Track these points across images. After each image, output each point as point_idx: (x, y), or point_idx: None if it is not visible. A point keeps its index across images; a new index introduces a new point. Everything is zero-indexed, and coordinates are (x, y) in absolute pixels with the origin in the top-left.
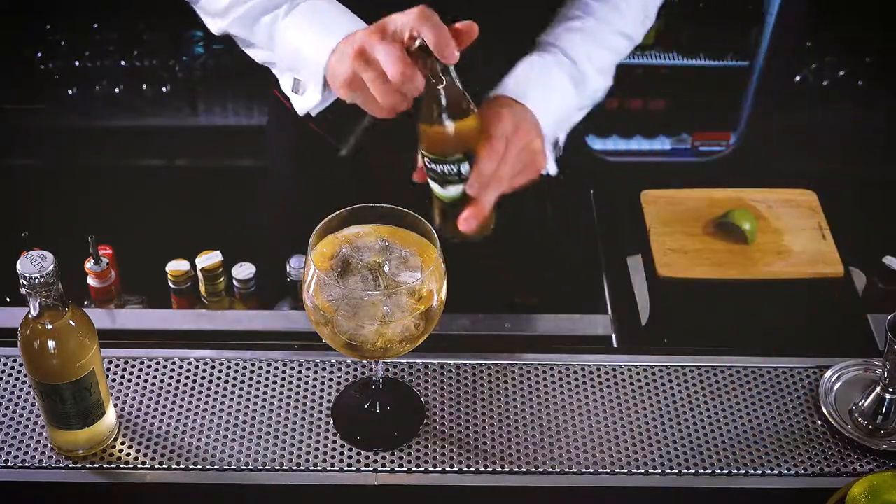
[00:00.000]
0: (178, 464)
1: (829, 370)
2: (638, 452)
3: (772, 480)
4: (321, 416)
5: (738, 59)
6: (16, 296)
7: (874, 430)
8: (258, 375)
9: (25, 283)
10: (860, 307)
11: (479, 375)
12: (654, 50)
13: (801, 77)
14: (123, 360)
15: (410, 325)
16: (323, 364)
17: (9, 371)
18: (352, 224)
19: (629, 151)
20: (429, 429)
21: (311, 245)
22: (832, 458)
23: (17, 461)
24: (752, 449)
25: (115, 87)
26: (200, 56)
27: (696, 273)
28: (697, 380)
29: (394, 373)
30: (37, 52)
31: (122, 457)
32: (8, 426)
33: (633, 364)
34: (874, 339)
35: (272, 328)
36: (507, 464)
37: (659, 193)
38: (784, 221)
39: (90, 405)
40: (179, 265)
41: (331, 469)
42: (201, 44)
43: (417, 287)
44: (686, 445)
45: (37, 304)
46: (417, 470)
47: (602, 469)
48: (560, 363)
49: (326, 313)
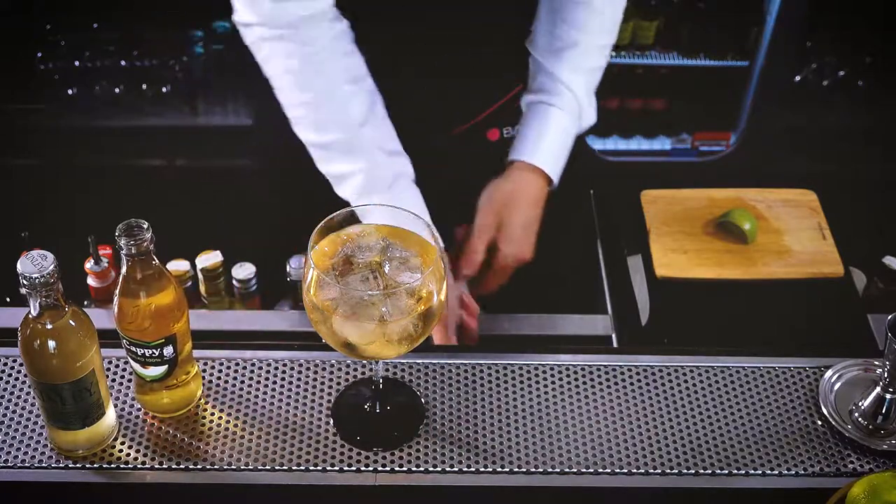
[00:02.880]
0: (178, 464)
1: (829, 370)
2: (638, 452)
3: (772, 480)
4: (321, 416)
5: (738, 59)
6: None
7: (874, 430)
8: (258, 375)
9: (25, 283)
10: (860, 307)
11: (479, 375)
12: (654, 50)
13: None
14: (123, 360)
15: (410, 326)
16: (323, 364)
17: (9, 371)
18: (353, 223)
19: (629, 151)
20: (429, 429)
21: (312, 244)
22: (832, 459)
23: (17, 461)
24: (752, 449)
25: (115, 87)
26: (200, 56)
27: (696, 273)
28: (697, 380)
29: (394, 373)
30: (37, 52)
31: (122, 457)
32: (8, 426)
33: (633, 364)
34: (874, 339)
35: (272, 328)
36: (507, 464)
37: (659, 193)
38: (784, 221)
39: (90, 405)
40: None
41: (331, 469)
42: (201, 44)
43: (417, 287)
44: (686, 445)
45: (37, 304)
46: (417, 470)
47: (602, 469)
48: (560, 363)
49: (326, 312)
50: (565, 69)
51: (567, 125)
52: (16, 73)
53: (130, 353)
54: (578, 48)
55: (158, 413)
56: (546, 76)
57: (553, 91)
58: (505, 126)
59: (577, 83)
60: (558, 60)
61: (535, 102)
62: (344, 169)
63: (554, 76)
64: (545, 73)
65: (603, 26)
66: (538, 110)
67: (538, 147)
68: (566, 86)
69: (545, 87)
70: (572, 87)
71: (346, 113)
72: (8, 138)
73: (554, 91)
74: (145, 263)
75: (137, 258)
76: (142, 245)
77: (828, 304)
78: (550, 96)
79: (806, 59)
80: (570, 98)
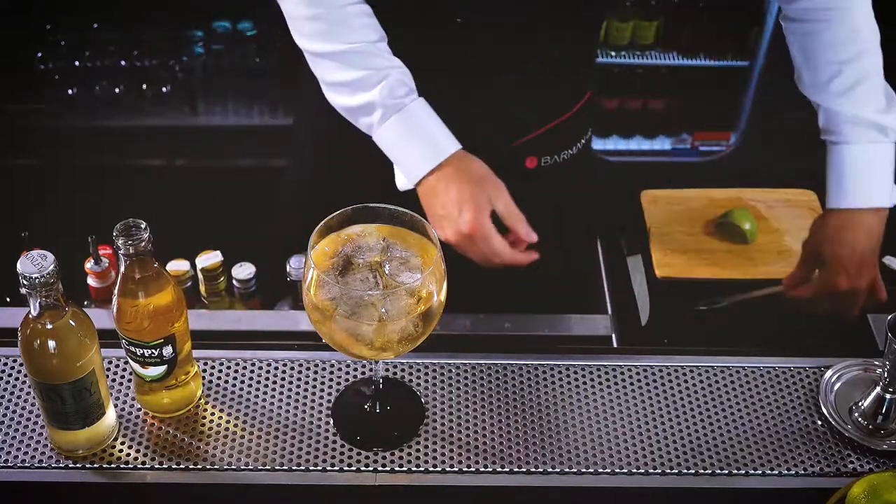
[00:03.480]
0: (178, 464)
1: (829, 370)
2: (638, 452)
3: (772, 480)
4: (321, 416)
5: (738, 59)
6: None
7: (874, 430)
8: (258, 375)
9: (25, 283)
10: None
11: (479, 375)
12: (654, 50)
13: None
14: (124, 360)
15: (410, 326)
16: (323, 364)
17: (9, 371)
18: (353, 223)
19: (629, 151)
20: (429, 429)
21: (312, 244)
22: (832, 458)
23: (17, 461)
24: (752, 449)
25: (115, 87)
26: (200, 56)
27: (696, 273)
28: (697, 380)
29: (394, 373)
30: (37, 52)
31: (122, 457)
32: (8, 426)
33: (633, 364)
34: (874, 339)
35: (272, 328)
36: (507, 464)
37: (659, 193)
38: (784, 221)
39: (90, 405)
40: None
41: (331, 469)
42: (201, 44)
43: (417, 288)
44: (686, 445)
45: (37, 304)
46: (417, 470)
47: (602, 469)
48: (560, 363)
49: (326, 312)
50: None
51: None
52: (16, 73)
53: (130, 354)
54: (870, 74)
55: (159, 413)
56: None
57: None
58: (544, 155)
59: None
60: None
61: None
62: (357, 76)
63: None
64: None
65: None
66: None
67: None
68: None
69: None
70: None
71: (359, 32)
72: (8, 138)
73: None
74: (144, 263)
75: (136, 258)
76: (139, 245)
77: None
78: (867, 143)
79: None
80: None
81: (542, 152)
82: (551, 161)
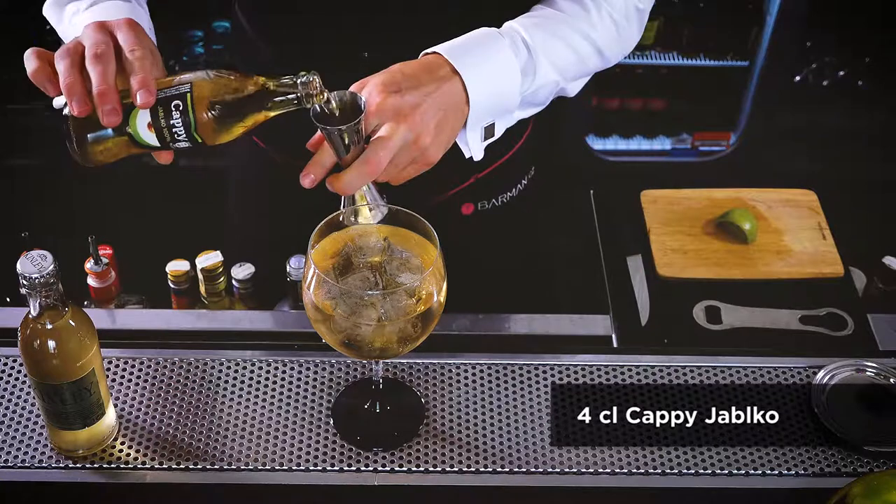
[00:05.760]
0: (178, 464)
1: (828, 370)
2: (638, 452)
3: (772, 480)
4: (321, 416)
5: (738, 59)
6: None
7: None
8: (258, 375)
9: (25, 283)
10: (860, 307)
11: (479, 375)
12: (654, 50)
13: (801, 77)
14: (123, 360)
15: (409, 326)
16: (323, 364)
17: (9, 371)
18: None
19: (629, 151)
20: (429, 429)
21: (312, 244)
22: (832, 458)
23: (17, 461)
24: (752, 449)
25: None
26: (200, 56)
27: (696, 273)
28: (697, 380)
29: (394, 373)
30: None
31: (122, 457)
32: (8, 426)
33: (633, 364)
34: (874, 339)
35: (272, 328)
36: (507, 464)
37: (659, 193)
38: (784, 221)
39: (90, 405)
40: (179, 265)
41: (331, 469)
42: (201, 44)
43: (417, 288)
44: (686, 445)
45: (37, 304)
46: (417, 470)
47: (602, 469)
48: (560, 363)
49: (326, 312)
50: (522, 22)
51: (507, 53)
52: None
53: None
54: (547, 18)
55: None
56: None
57: (502, 30)
58: (481, 200)
59: (534, 36)
60: (520, 19)
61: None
62: None
63: (507, 25)
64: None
65: (587, 12)
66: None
67: (463, 52)
68: (519, 33)
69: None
70: (525, 37)
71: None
72: (8, 138)
73: (503, 30)
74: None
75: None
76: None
77: (828, 304)
78: (496, 31)
79: (806, 59)
80: (523, 47)
81: (476, 198)
82: (489, 206)
